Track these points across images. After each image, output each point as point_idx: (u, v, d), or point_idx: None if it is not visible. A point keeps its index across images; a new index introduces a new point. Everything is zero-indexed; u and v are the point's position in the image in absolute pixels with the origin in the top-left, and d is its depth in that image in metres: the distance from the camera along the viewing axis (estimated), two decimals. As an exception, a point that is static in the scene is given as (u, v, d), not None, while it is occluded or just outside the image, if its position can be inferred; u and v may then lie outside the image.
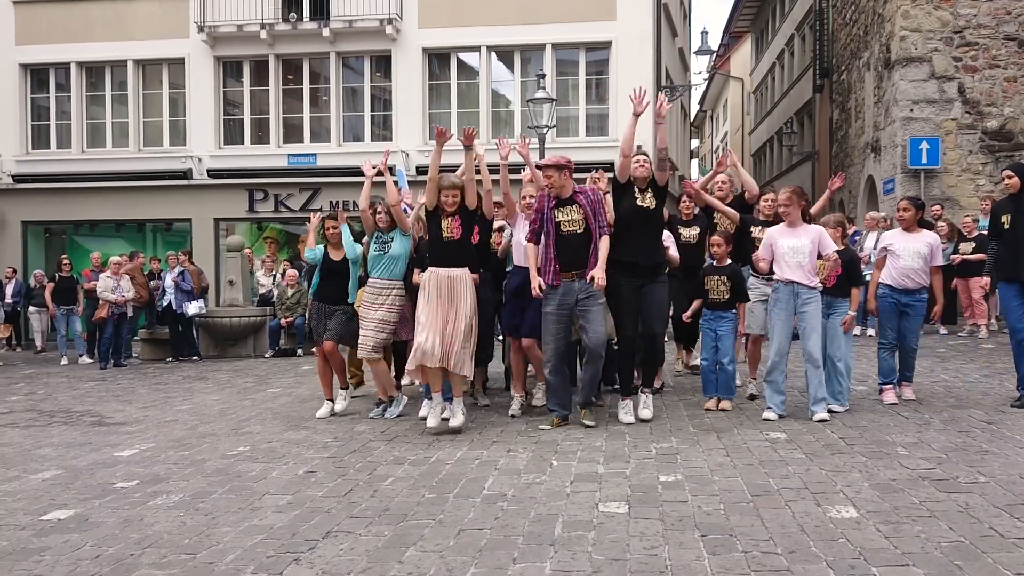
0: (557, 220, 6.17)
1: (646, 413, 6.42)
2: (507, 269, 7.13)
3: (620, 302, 6.34)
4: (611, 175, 6.77)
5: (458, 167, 6.53)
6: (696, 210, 8.17)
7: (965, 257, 10.97)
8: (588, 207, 6.17)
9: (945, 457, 5.06)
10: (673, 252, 7.40)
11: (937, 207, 12.66)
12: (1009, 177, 6.71)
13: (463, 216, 6.34)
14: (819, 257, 6.32)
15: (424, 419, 6.44)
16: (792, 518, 4.00)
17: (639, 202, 6.30)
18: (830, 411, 6.32)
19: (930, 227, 9.27)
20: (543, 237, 6.24)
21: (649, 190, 6.34)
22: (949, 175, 15.03)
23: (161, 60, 19.09)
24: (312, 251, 7.52)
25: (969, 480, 4.54)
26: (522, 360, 6.99)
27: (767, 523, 3.93)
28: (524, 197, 6.79)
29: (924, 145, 14.87)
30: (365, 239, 7.23)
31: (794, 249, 6.25)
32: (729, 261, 6.87)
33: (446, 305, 6.22)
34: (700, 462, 5.14)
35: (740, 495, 4.41)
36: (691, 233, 8.11)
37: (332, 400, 7.40)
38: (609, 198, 6.46)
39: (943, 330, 12.00)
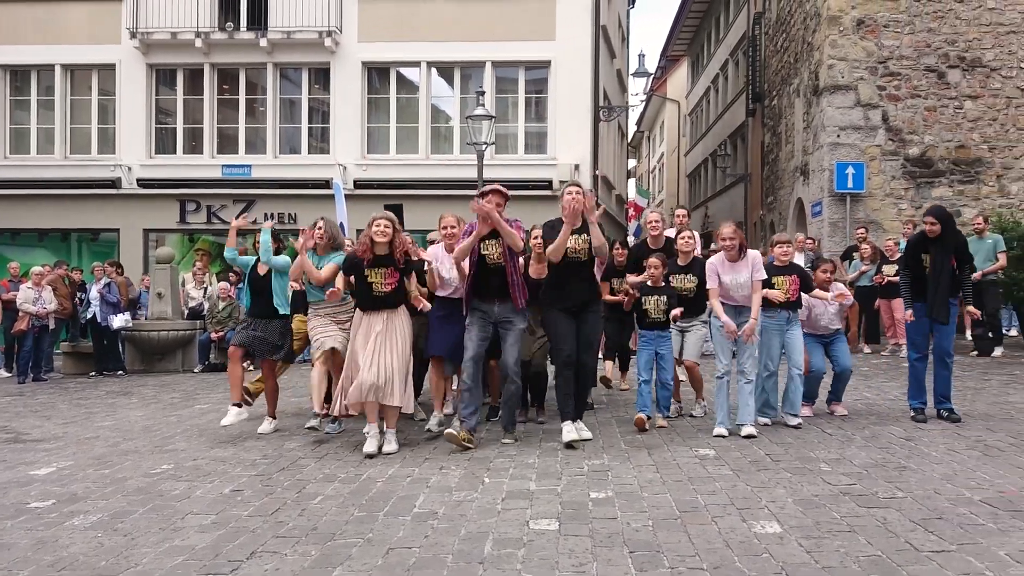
0: (483, 253, 6.24)
1: (586, 435, 6.42)
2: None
3: (557, 325, 6.36)
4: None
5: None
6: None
7: (890, 278, 11.35)
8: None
9: (865, 473, 5.22)
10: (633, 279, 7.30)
11: (862, 230, 13.12)
12: (931, 224, 6.72)
13: (398, 271, 6.27)
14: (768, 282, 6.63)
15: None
16: (718, 534, 4.07)
17: (571, 254, 6.26)
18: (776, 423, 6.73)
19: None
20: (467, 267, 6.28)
21: (584, 234, 6.25)
22: (873, 199, 15.58)
23: (91, 66, 18.59)
24: (231, 251, 7.28)
25: (887, 495, 4.69)
26: (442, 379, 7.10)
27: (694, 539, 3.99)
28: (445, 227, 6.78)
29: (850, 170, 15.40)
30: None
31: (739, 284, 6.51)
32: (664, 283, 6.96)
33: (381, 341, 6.16)
34: (631, 479, 5.19)
35: (668, 511, 4.47)
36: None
37: (240, 405, 7.09)
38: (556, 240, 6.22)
39: (866, 349, 12.40)
